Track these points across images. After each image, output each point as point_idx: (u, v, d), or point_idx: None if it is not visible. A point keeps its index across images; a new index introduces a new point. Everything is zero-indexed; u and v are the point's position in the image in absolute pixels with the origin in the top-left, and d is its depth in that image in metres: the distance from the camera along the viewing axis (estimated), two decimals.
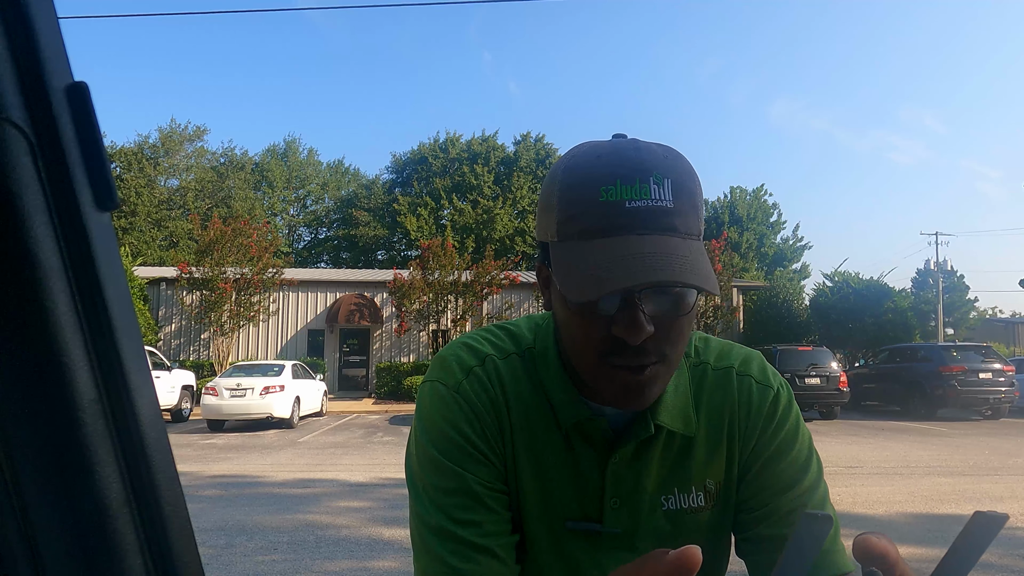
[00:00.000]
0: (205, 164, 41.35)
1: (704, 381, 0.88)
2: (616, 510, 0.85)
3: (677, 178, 0.71)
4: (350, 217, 43.80)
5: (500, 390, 0.85)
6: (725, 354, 0.90)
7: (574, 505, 0.85)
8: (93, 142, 0.31)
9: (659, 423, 0.83)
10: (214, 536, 5.52)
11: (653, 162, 0.71)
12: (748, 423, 0.87)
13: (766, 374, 0.89)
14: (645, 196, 0.69)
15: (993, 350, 17.09)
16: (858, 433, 12.93)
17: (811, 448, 0.87)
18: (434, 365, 0.88)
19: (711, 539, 0.88)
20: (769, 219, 40.20)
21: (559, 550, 0.86)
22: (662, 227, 0.70)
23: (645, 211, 0.69)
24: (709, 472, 0.87)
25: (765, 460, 0.85)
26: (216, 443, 11.92)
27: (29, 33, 0.29)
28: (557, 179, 0.74)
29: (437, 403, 0.84)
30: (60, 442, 0.30)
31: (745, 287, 26.32)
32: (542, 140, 42.49)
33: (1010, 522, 5.91)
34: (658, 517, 0.86)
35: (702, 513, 0.87)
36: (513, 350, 0.88)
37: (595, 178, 0.71)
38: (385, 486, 7.71)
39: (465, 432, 0.81)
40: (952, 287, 32.32)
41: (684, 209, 0.71)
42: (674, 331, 0.73)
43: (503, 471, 0.84)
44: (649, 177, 0.70)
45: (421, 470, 0.82)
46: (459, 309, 21.60)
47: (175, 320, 22.85)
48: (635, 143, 0.73)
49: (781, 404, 0.87)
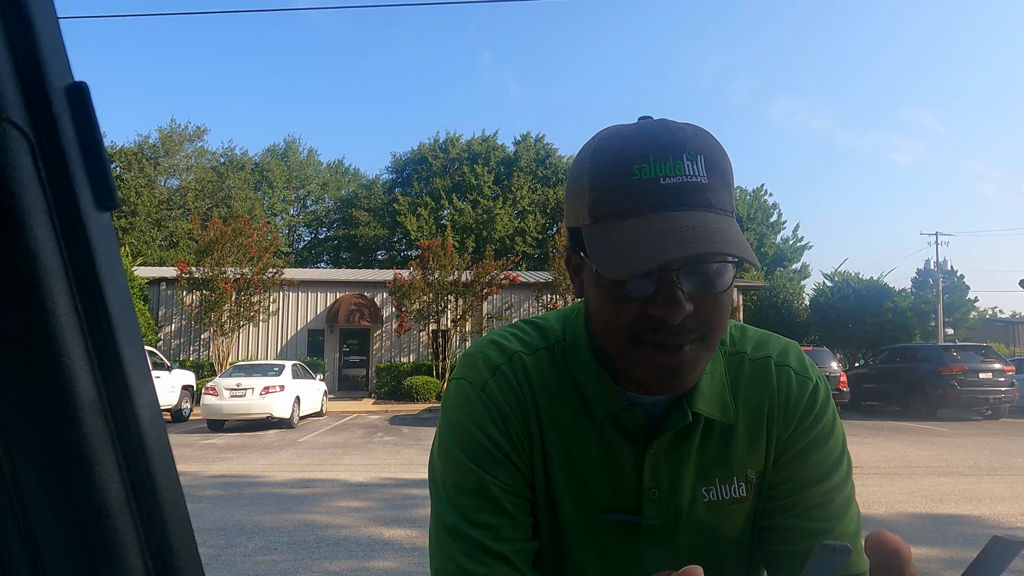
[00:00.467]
0: (205, 164, 41.33)
1: (741, 370, 0.86)
2: (655, 502, 0.83)
3: (710, 154, 0.70)
4: (350, 217, 43.79)
5: (528, 387, 0.83)
6: (763, 344, 0.89)
7: (611, 498, 0.83)
8: (93, 142, 0.31)
9: (696, 411, 0.81)
10: (214, 536, 5.51)
11: (684, 139, 0.70)
12: (787, 413, 0.85)
13: (805, 365, 0.88)
14: (679, 172, 0.68)
15: (993, 350, 17.09)
16: (858, 433, 12.92)
17: (844, 446, 0.86)
18: (461, 363, 0.87)
19: (750, 530, 0.86)
20: (769, 219, 40.19)
21: (597, 544, 0.85)
22: (698, 203, 0.69)
23: (680, 187, 0.68)
24: (750, 462, 0.85)
25: (798, 451, 0.84)
26: (216, 443, 11.92)
27: (29, 33, 0.29)
28: (587, 162, 0.73)
29: (463, 401, 0.82)
30: (60, 442, 0.30)
31: (745, 287, 26.29)
32: (542, 140, 42.49)
33: (1010, 522, 5.91)
34: (699, 509, 0.84)
35: (744, 504, 0.85)
36: (541, 345, 0.86)
37: (627, 157, 0.70)
38: (385, 486, 7.70)
39: (490, 432, 0.80)
40: (952, 287, 32.32)
41: (717, 185, 0.70)
42: (713, 309, 0.72)
43: (528, 473, 0.83)
44: (682, 153, 0.69)
45: (443, 467, 0.81)
46: (459, 309, 21.59)
47: (175, 320, 22.84)
48: (664, 122, 0.72)
49: (820, 397, 0.86)
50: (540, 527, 0.84)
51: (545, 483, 0.83)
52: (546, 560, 0.86)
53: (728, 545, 0.86)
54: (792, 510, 0.83)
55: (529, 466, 0.83)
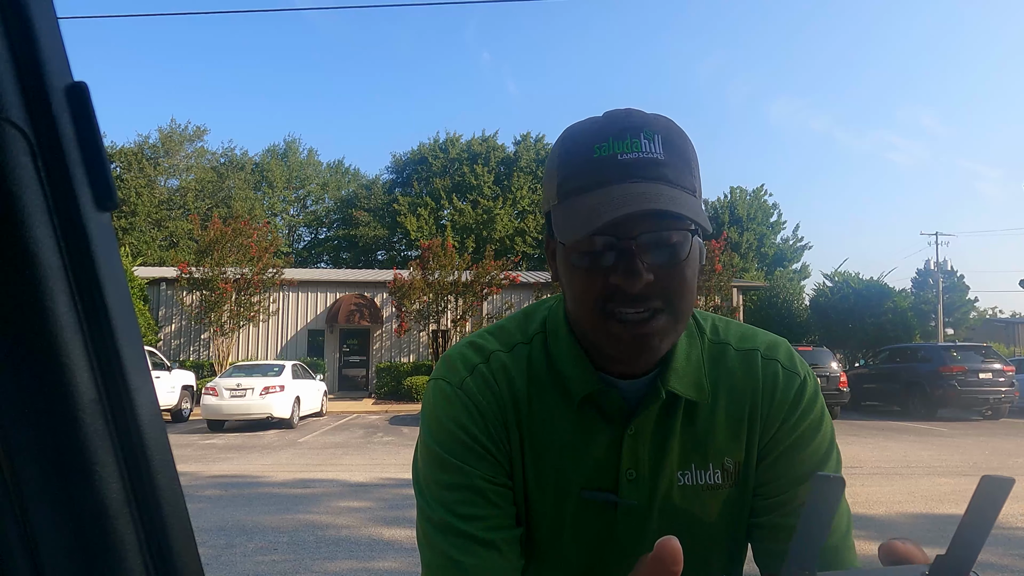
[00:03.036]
0: (205, 164, 41.31)
1: (723, 359, 0.87)
2: (632, 482, 0.84)
3: (667, 135, 0.75)
4: (350, 217, 43.79)
5: (506, 383, 0.85)
6: (749, 337, 0.90)
7: (589, 478, 0.85)
8: (93, 142, 0.31)
9: (670, 389, 0.82)
10: (214, 536, 5.51)
11: (644, 121, 0.75)
12: (772, 408, 0.86)
13: (794, 361, 0.88)
14: (636, 149, 0.73)
15: (993, 350, 17.09)
16: (858, 433, 12.92)
17: (832, 442, 0.87)
18: (440, 364, 0.89)
19: (728, 518, 0.87)
20: (769, 219, 40.18)
21: (576, 523, 0.86)
22: (653, 176, 0.73)
23: (636, 162, 0.73)
24: (729, 451, 0.86)
25: (785, 448, 0.85)
26: (216, 443, 11.92)
27: (29, 33, 0.29)
28: (556, 149, 0.79)
29: (441, 401, 0.84)
30: (60, 442, 0.30)
31: (745, 287, 26.29)
32: (542, 140, 42.46)
33: (1010, 522, 5.91)
34: (674, 492, 0.85)
35: (719, 491, 0.86)
36: (520, 340, 0.88)
37: (589, 138, 0.75)
38: (385, 486, 7.70)
39: (469, 428, 0.82)
40: (952, 287, 32.32)
41: (675, 162, 0.74)
42: (675, 279, 0.74)
43: (508, 466, 0.84)
44: (640, 132, 0.74)
45: (425, 466, 0.83)
46: (459, 309, 21.59)
47: (175, 320, 22.84)
48: (628, 110, 0.77)
49: (807, 394, 0.86)
50: (519, 509, 0.86)
51: (523, 468, 0.85)
52: (525, 540, 0.87)
53: (703, 531, 0.87)
54: (781, 508, 0.84)
55: (508, 459, 0.85)
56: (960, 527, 0.41)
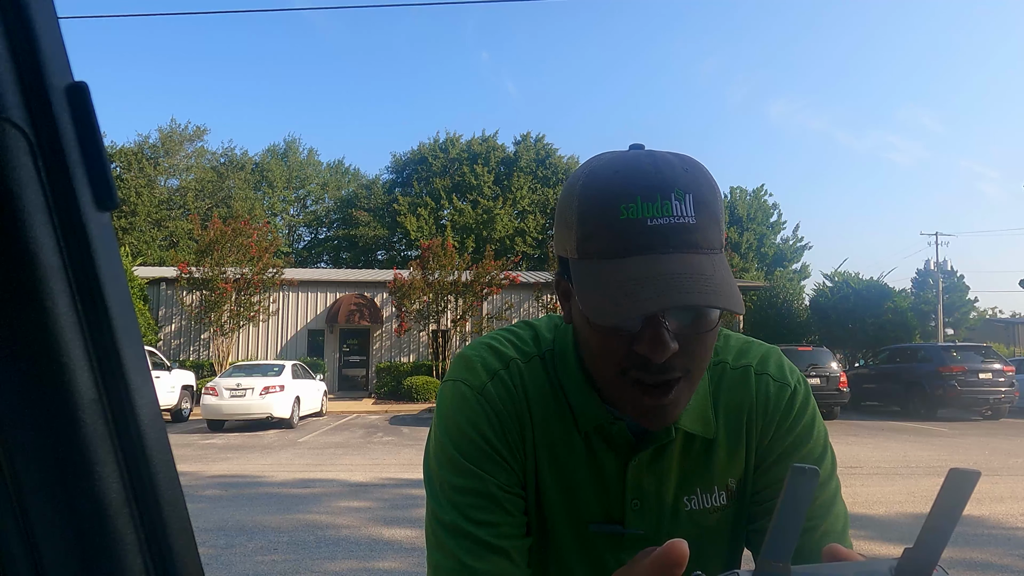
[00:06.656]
0: (205, 164, 41.29)
1: (723, 380, 0.88)
2: (637, 512, 0.85)
3: (698, 192, 0.70)
4: (350, 217, 43.78)
5: (523, 395, 0.85)
6: (744, 352, 0.90)
7: (596, 507, 0.86)
8: (93, 142, 0.31)
9: (679, 427, 0.83)
10: (214, 536, 5.51)
11: (673, 176, 0.69)
12: (765, 420, 0.87)
13: (783, 371, 0.89)
14: (667, 213, 0.68)
15: (993, 350, 17.08)
16: (858, 433, 12.92)
17: (826, 444, 0.88)
18: (458, 365, 0.87)
19: (730, 532, 0.89)
20: (769, 219, 40.18)
21: (585, 552, 0.87)
22: (685, 244, 0.68)
23: (667, 229, 0.68)
24: (731, 471, 0.87)
25: (778, 455, 0.86)
26: (216, 443, 11.92)
27: (29, 33, 0.29)
28: (575, 195, 0.73)
29: (460, 404, 0.83)
30: (60, 442, 0.30)
31: (745, 287, 26.29)
32: (542, 140, 42.47)
33: (1010, 522, 5.91)
34: (681, 518, 0.86)
35: (725, 511, 0.87)
36: (535, 352, 0.88)
37: (614, 195, 0.69)
38: (385, 486, 7.70)
39: (487, 435, 0.82)
40: (952, 287, 32.31)
41: (706, 224, 0.70)
42: (698, 348, 0.73)
43: (522, 476, 0.84)
44: (670, 193, 0.68)
45: (439, 468, 0.82)
46: (459, 309, 21.59)
47: (175, 320, 22.84)
48: (652, 156, 0.72)
49: (798, 400, 0.87)
50: (530, 529, 0.86)
51: (535, 488, 0.85)
52: (535, 562, 0.87)
53: (709, 551, 0.88)
54: None
55: (523, 469, 0.85)
56: (928, 520, 0.41)
